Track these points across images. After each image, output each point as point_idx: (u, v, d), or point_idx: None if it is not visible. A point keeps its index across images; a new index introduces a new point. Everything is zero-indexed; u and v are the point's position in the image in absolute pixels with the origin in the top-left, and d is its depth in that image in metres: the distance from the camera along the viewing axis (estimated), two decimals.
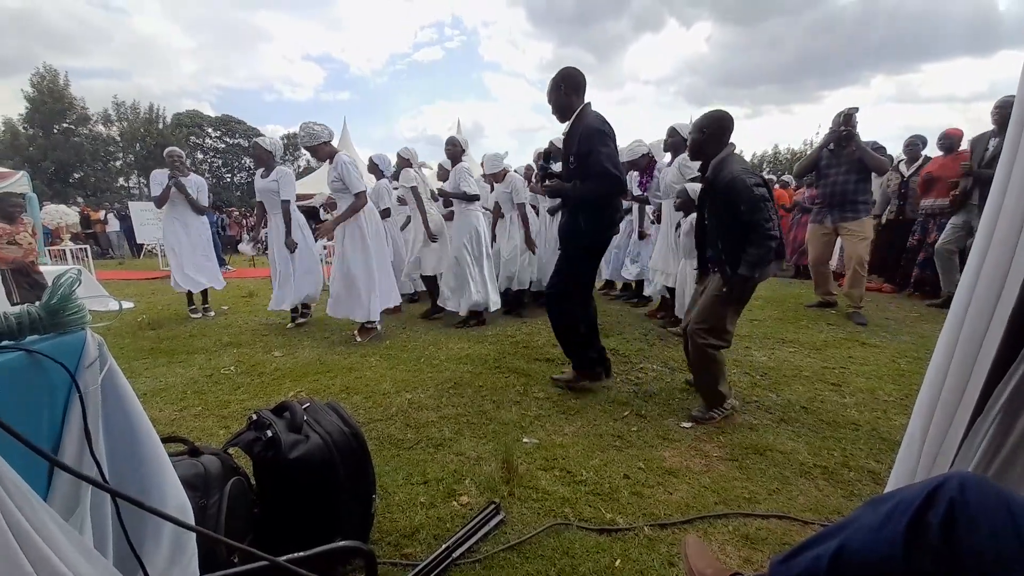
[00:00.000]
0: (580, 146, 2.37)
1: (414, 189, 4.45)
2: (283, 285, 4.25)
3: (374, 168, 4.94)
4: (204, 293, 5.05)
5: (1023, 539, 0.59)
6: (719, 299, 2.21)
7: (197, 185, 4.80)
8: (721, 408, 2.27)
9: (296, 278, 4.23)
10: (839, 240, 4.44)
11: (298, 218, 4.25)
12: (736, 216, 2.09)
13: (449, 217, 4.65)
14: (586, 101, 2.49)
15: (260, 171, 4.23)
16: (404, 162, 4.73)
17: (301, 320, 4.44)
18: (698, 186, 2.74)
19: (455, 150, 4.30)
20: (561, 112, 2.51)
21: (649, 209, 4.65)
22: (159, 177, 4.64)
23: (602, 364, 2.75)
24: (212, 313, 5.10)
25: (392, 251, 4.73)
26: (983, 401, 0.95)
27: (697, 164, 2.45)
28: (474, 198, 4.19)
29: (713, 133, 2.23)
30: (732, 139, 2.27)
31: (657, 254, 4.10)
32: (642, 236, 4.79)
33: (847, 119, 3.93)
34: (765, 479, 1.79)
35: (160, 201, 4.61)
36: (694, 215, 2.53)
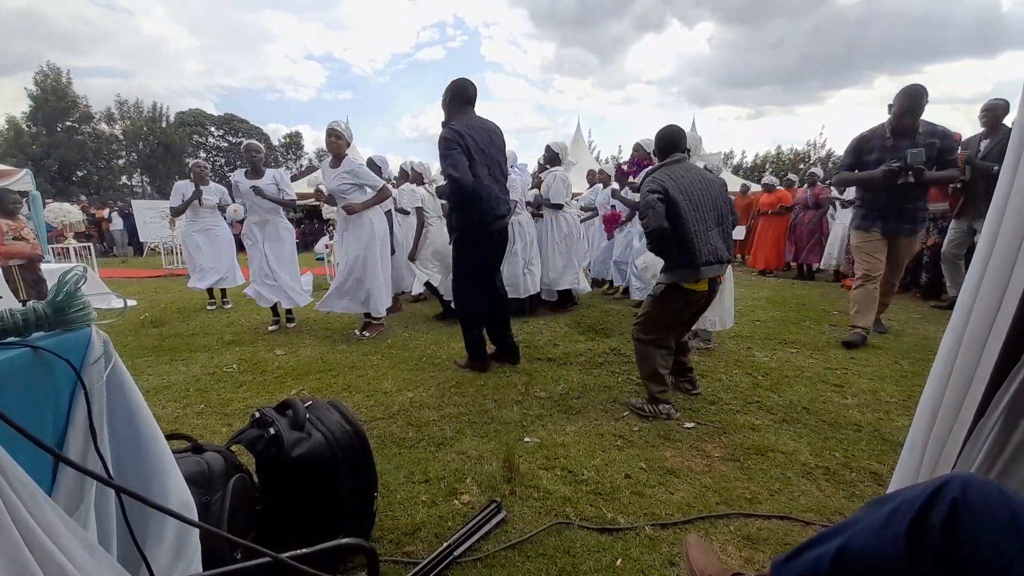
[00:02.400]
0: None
1: (419, 210, 4.45)
2: (262, 284, 4.14)
3: (374, 168, 4.94)
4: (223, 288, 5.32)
5: None
6: (649, 297, 2.41)
7: (218, 192, 5.09)
8: (654, 408, 2.30)
9: (282, 285, 4.16)
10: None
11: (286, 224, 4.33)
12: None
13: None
14: (467, 110, 2.84)
15: (245, 170, 4.14)
16: (417, 176, 4.69)
17: (289, 325, 4.33)
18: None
19: None
20: (447, 117, 2.86)
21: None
22: (182, 188, 4.94)
23: (506, 355, 3.11)
24: (229, 304, 5.36)
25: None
26: (986, 403, 0.95)
27: None
28: None
29: (657, 149, 2.44)
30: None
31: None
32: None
33: (911, 167, 3.08)
34: (767, 479, 1.79)
35: (177, 211, 5.02)
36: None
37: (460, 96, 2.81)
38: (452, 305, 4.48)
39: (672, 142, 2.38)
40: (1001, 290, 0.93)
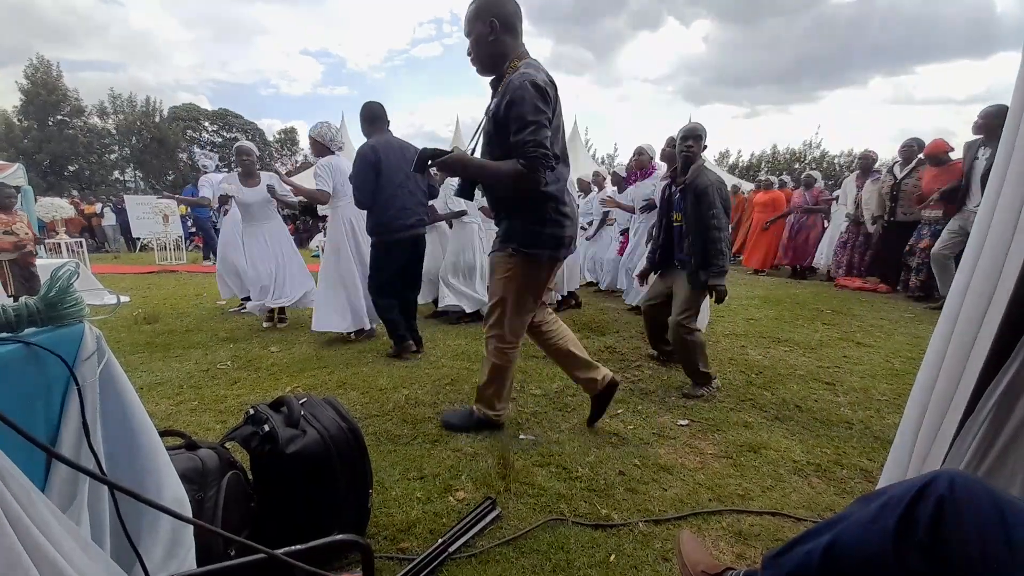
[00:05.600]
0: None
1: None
2: (267, 286, 4.07)
3: None
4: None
5: (1010, 537, 0.61)
6: (696, 294, 2.57)
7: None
8: (710, 388, 2.58)
9: (289, 279, 4.12)
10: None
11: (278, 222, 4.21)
12: (700, 219, 2.46)
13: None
14: (382, 126, 3.18)
15: (237, 172, 4.08)
16: None
17: (280, 325, 4.23)
18: None
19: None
20: (365, 136, 3.20)
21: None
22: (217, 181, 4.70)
23: (416, 345, 3.42)
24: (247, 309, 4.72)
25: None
26: (974, 400, 0.97)
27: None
28: (461, 214, 4.27)
29: (701, 140, 2.58)
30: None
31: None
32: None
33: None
34: (759, 476, 1.81)
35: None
36: None
37: (373, 116, 3.17)
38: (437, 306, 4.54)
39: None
40: (991, 287, 0.94)
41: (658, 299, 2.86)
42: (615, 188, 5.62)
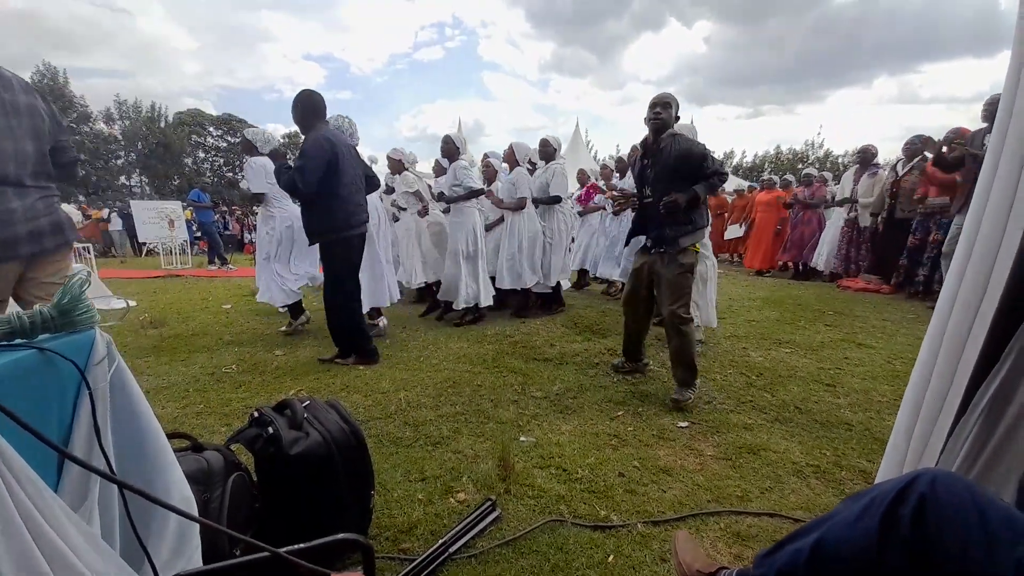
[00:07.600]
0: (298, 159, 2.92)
1: (418, 193, 4.43)
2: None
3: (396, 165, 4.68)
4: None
5: (990, 534, 0.62)
6: (684, 275, 2.46)
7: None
8: (695, 390, 2.48)
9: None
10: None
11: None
12: (689, 177, 2.37)
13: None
14: (326, 120, 3.03)
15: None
16: (397, 164, 4.58)
17: (300, 328, 4.18)
18: None
19: (449, 147, 4.23)
20: (302, 128, 2.98)
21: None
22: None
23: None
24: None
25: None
26: (967, 401, 0.98)
27: None
28: (479, 192, 4.18)
29: (671, 107, 2.47)
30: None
31: None
32: None
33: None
34: (758, 478, 1.82)
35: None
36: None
37: (316, 107, 2.97)
38: (437, 297, 4.55)
39: None
40: (982, 287, 0.96)
41: (639, 291, 2.67)
42: (618, 175, 5.66)
